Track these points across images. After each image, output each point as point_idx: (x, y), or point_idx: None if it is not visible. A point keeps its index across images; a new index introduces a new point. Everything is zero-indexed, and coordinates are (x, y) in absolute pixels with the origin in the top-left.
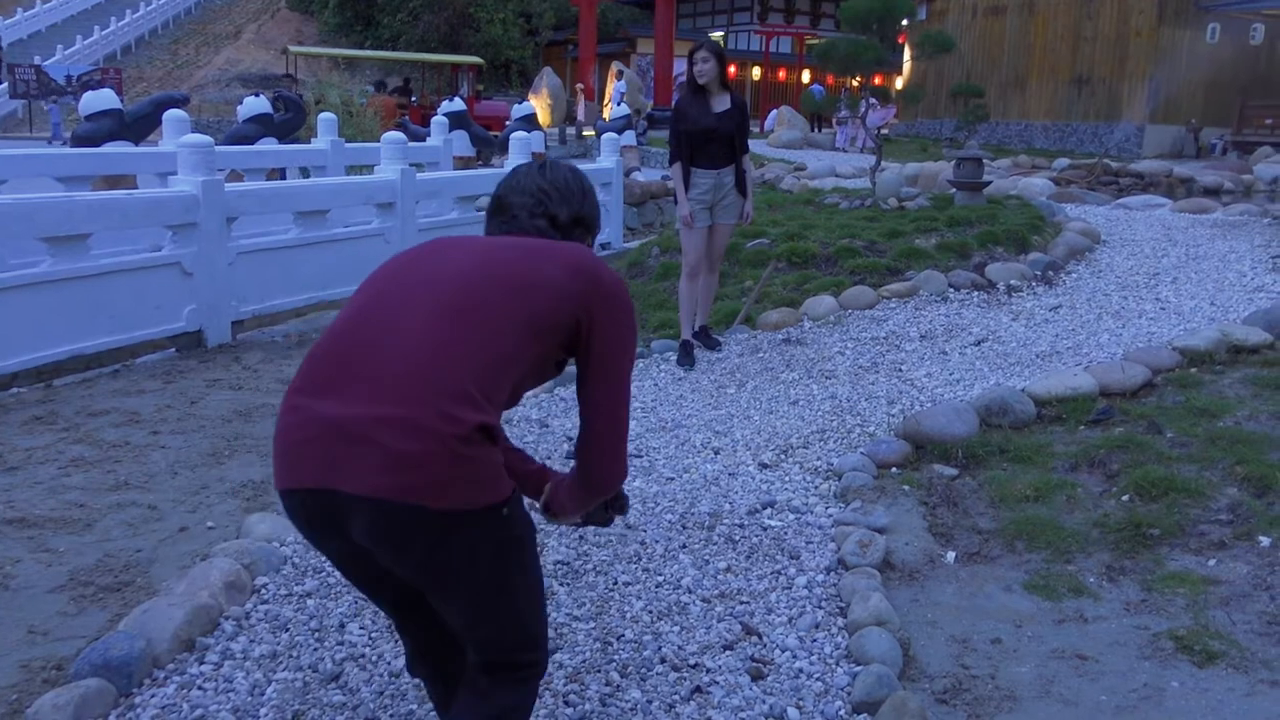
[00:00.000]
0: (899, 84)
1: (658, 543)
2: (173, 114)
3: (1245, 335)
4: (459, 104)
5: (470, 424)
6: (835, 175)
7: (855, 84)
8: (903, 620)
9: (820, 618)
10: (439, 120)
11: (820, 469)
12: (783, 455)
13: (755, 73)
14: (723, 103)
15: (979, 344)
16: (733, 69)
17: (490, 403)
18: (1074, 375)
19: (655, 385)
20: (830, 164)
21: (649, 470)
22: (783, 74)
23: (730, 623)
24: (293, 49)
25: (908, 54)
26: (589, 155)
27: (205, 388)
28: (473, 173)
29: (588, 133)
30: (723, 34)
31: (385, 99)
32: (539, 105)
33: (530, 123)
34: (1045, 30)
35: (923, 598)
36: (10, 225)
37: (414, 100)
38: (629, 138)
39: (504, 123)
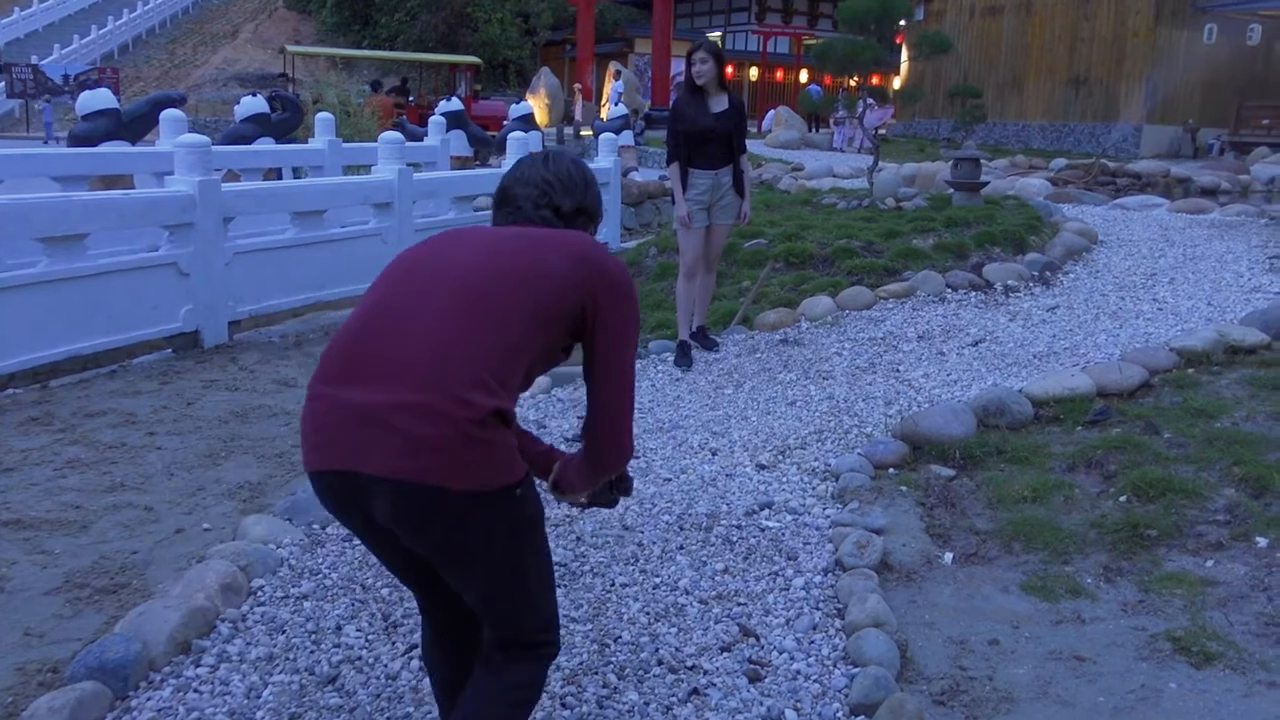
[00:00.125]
0: (896, 84)
1: (655, 544)
2: (170, 113)
3: (1242, 336)
4: (456, 104)
5: (485, 409)
6: (833, 175)
7: (853, 84)
8: (900, 622)
9: (818, 619)
10: (436, 120)
11: (818, 470)
12: (780, 456)
13: (753, 73)
14: (720, 103)
15: (976, 344)
16: (730, 69)
17: (504, 388)
18: (1071, 376)
19: (653, 386)
20: (828, 164)
21: (646, 471)
22: (780, 74)
23: (728, 624)
24: (290, 48)
25: (905, 54)
26: (586, 155)
27: (202, 389)
28: (470, 173)
29: (585, 133)
30: (720, 34)
31: (383, 99)
32: (537, 105)
33: (528, 123)
34: (1042, 31)
35: (920, 599)
36: (7, 225)
37: (411, 100)
38: (626, 138)
39: (501, 123)
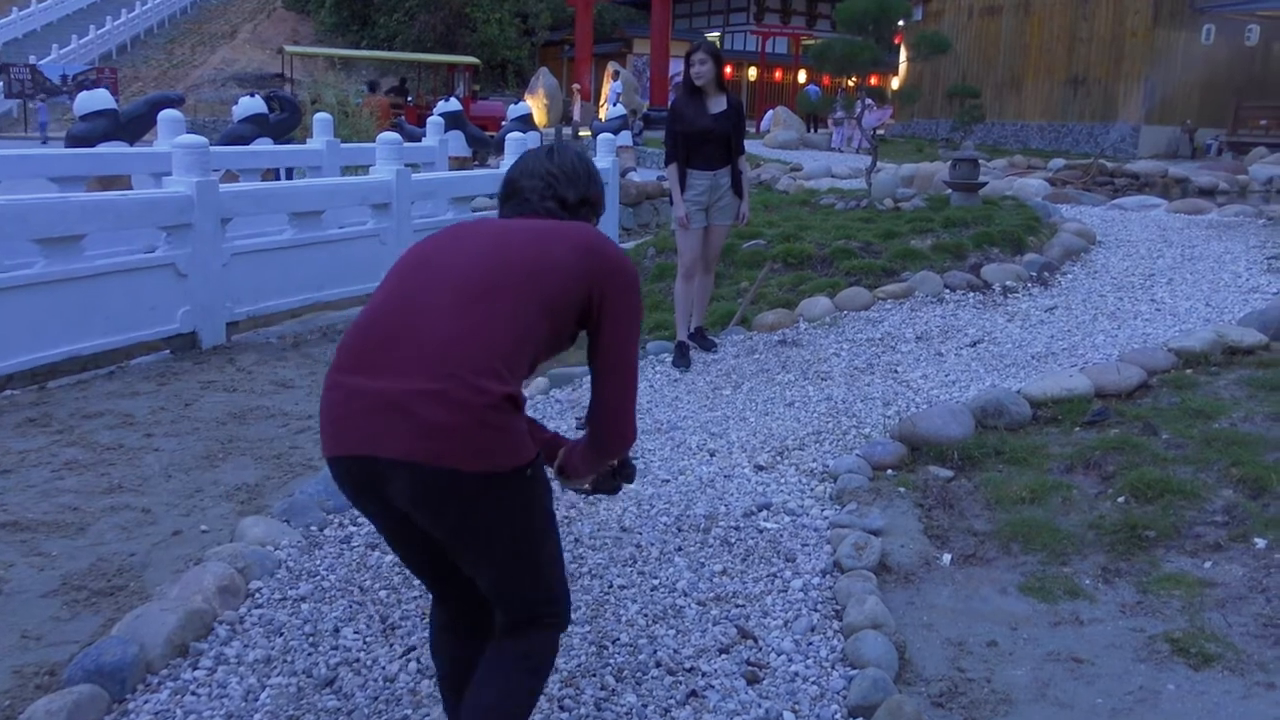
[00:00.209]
0: (895, 84)
1: (653, 545)
2: (168, 114)
3: (1240, 336)
4: (455, 104)
5: (498, 394)
6: (831, 176)
7: (851, 84)
8: (898, 623)
9: (816, 621)
10: (435, 120)
11: (816, 471)
12: (778, 457)
13: (751, 73)
14: (719, 104)
15: (974, 345)
16: (729, 69)
17: (513, 376)
18: (1069, 376)
19: (651, 387)
20: (826, 164)
21: (644, 472)
22: (779, 74)
23: (726, 626)
24: (288, 49)
25: (904, 54)
26: None
27: (200, 390)
28: (468, 173)
29: (584, 133)
30: (719, 34)
31: (380, 99)
32: (535, 105)
33: (526, 123)
34: (1041, 31)
35: (918, 600)
36: (4, 226)
37: (410, 100)
38: (625, 138)
39: (500, 123)
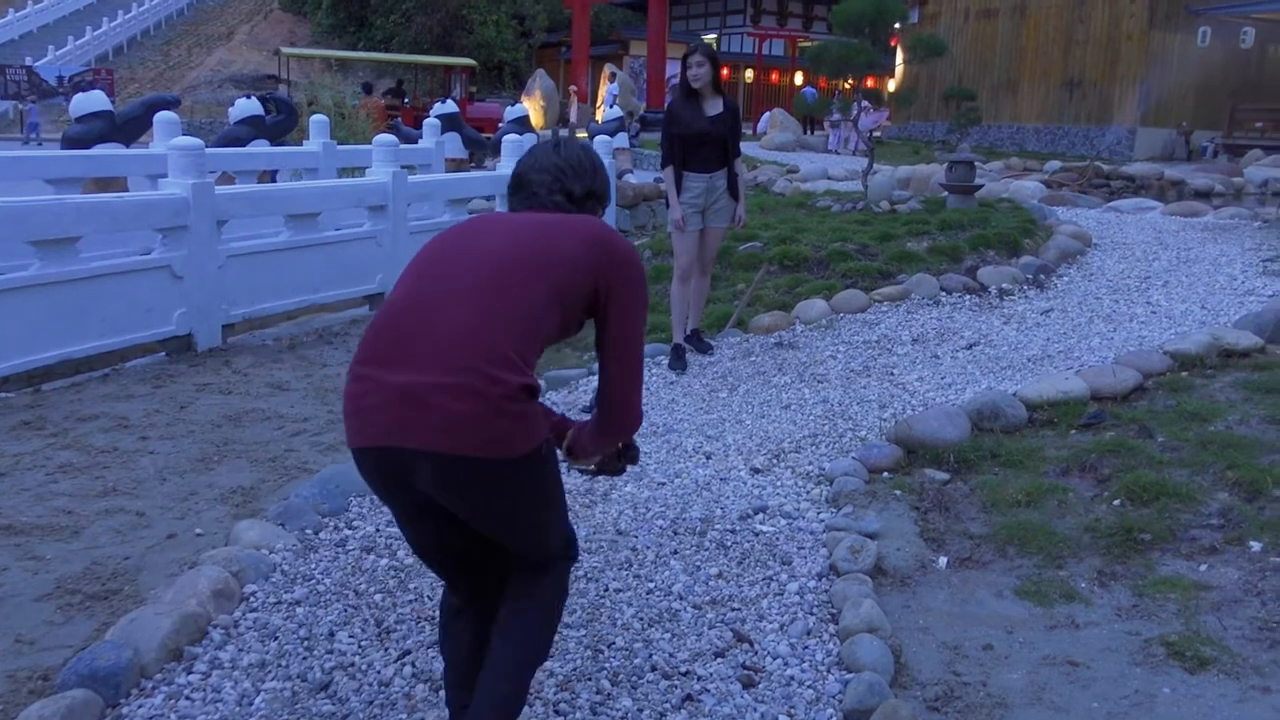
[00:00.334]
0: (891, 87)
1: (649, 549)
2: (163, 116)
3: (1236, 339)
4: (451, 106)
5: (515, 385)
6: (828, 178)
7: (847, 87)
8: (894, 627)
9: (812, 624)
10: (431, 122)
11: (812, 474)
12: (774, 460)
13: (748, 75)
14: (715, 106)
15: (970, 348)
16: (725, 71)
17: (527, 365)
18: (1065, 379)
19: (647, 389)
20: (823, 166)
21: (640, 475)
22: (775, 76)
23: (721, 630)
24: (285, 50)
25: (900, 57)
26: None
27: (195, 392)
28: (465, 175)
29: (581, 135)
30: (716, 36)
31: (376, 101)
32: (532, 107)
33: (523, 125)
34: (1037, 33)
35: (914, 604)
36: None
37: (406, 102)
38: (622, 140)
39: (497, 125)
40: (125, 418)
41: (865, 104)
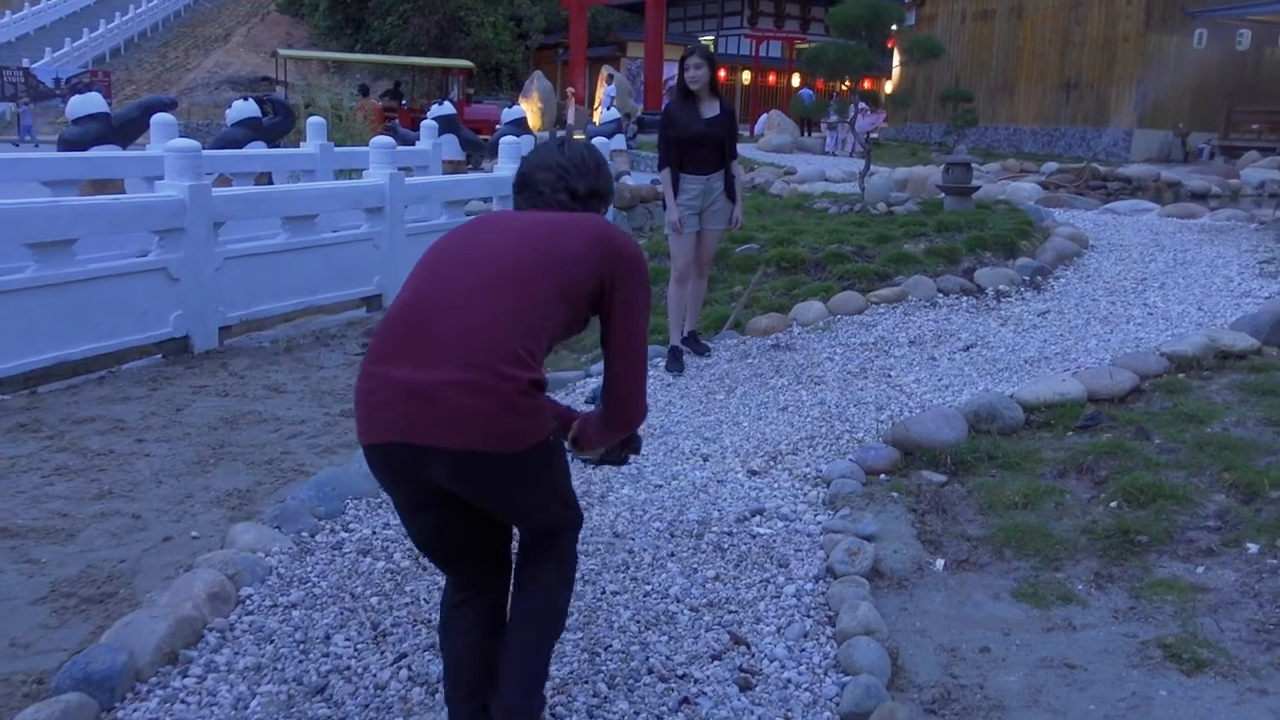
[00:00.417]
0: (888, 88)
1: (646, 551)
2: (160, 118)
3: (1233, 341)
4: (449, 108)
5: (524, 380)
6: (825, 180)
7: (844, 88)
8: (891, 629)
9: (809, 627)
10: (428, 124)
11: (809, 476)
12: (772, 462)
13: (745, 77)
14: (712, 108)
15: (967, 349)
16: (723, 73)
17: (535, 360)
18: (1062, 381)
19: None
20: (820, 168)
21: (637, 478)
22: (773, 78)
23: (718, 632)
24: (282, 52)
25: (897, 59)
26: None
27: (191, 394)
28: (462, 177)
29: (578, 136)
30: (713, 38)
31: (372, 103)
32: (529, 109)
33: (520, 127)
34: (1033, 35)
35: (911, 606)
36: None
37: (404, 104)
38: (619, 142)
39: (494, 126)
40: (121, 420)
41: (862, 106)
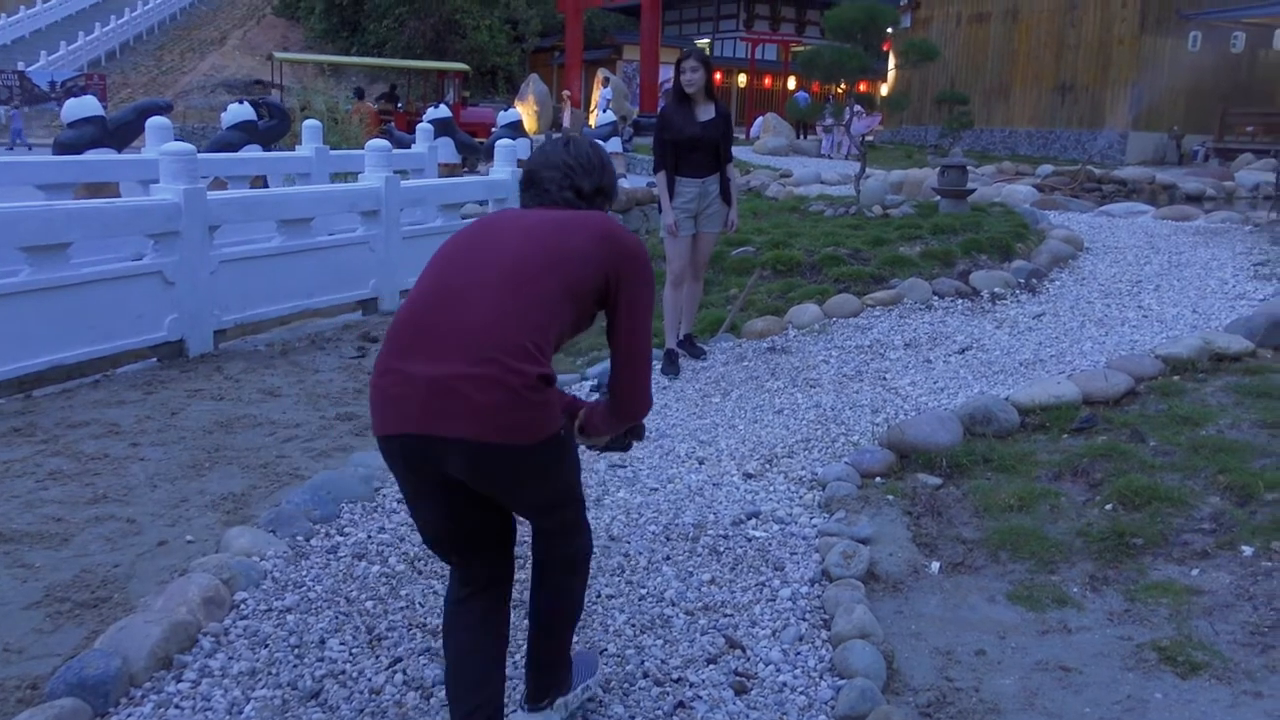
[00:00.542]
0: (884, 91)
1: (641, 554)
2: (156, 121)
3: (1227, 343)
4: (445, 111)
5: (534, 375)
6: (820, 182)
7: (840, 91)
8: (886, 632)
9: (804, 630)
10: (424, 127)
11: (804, 479)
12: (767, 465)
13: (741, 79)
14: (707, 111)
15: (963, 352)
16: (719, 76)
17: (544, 356)
18: (1057, 383)
19: None
20: (816, 171)
21: (633, 481)
22: (768, 81)
23: (714, 636)
24: (278, 55)
25: (892, 62)
26: None
27: (186, 398)
28: (458, 180)
29: None
30: (709, 41)
31: (367, 106)
32: (525, 112)
33: (516, 130)
34: (1029, 38)
35: (907, 609)
36: None
37: (400, 107)
38: (615, 145)
39: (490, 129)
40: (116, 424)
41: (858, 108)
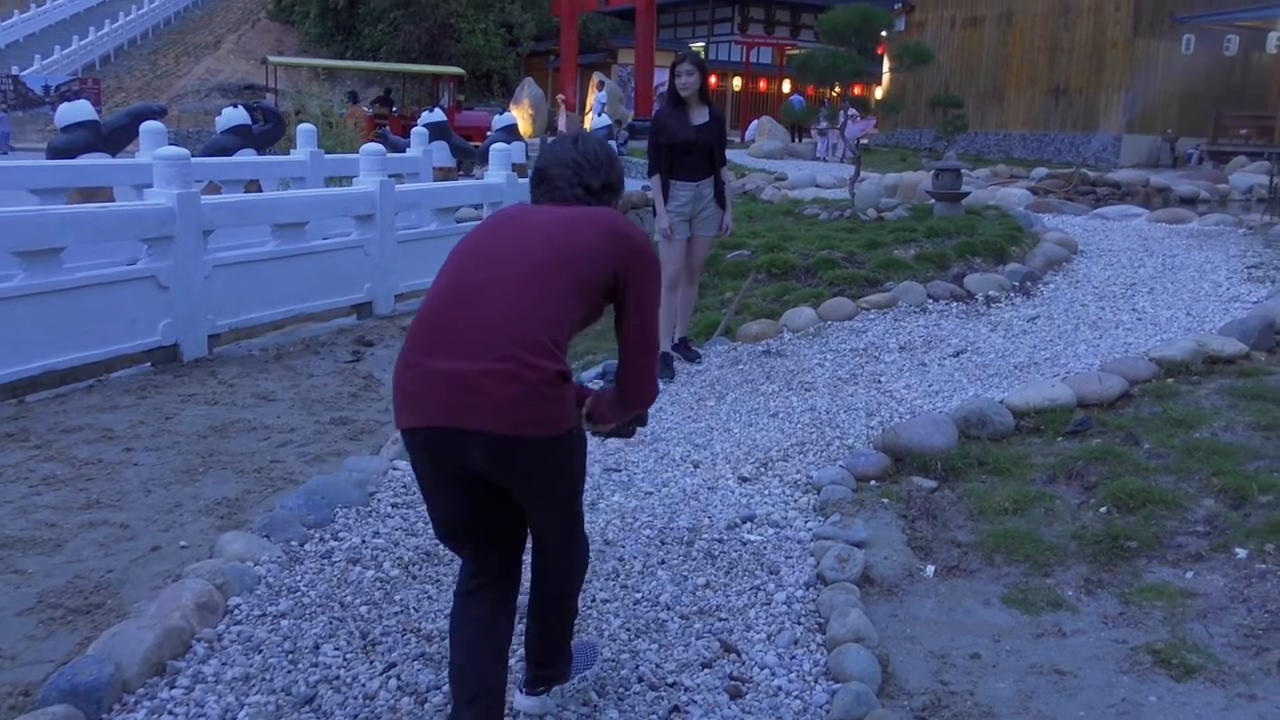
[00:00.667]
0: (879, 94)
1: (636, 559)
2: (150, 125)
3: (1221, 346)
4: (439, 115)
5: (552, 371)
6: (815, 185)
7: (835, 94)
8: (881, 636)
9: (799, 634)
10: (419, 131)
11: (799, 482)
12: (762, 468)
13: (736, 83)
14: (701, 115)
15: (957, 355)
16: (713, 80)
17: (560, 351)
18: (1052, 386)
19: None
20: (810, 174)
21: (627, 485)
22: (763, 84)
23: (709, 640)
24: (272, 59)
25: (887, 65)
26: None
27: (180, 403)
28: (453, 184)
29: None
30: (703, 44)
31: (362, 111)
32: (520, 116)
33: (511, 133)
34: (1023, 41)
35: (902, 613)
36: None
37: (394, 111)
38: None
39: (485, 133)
40: (110, 429)
41: (852, 112)
